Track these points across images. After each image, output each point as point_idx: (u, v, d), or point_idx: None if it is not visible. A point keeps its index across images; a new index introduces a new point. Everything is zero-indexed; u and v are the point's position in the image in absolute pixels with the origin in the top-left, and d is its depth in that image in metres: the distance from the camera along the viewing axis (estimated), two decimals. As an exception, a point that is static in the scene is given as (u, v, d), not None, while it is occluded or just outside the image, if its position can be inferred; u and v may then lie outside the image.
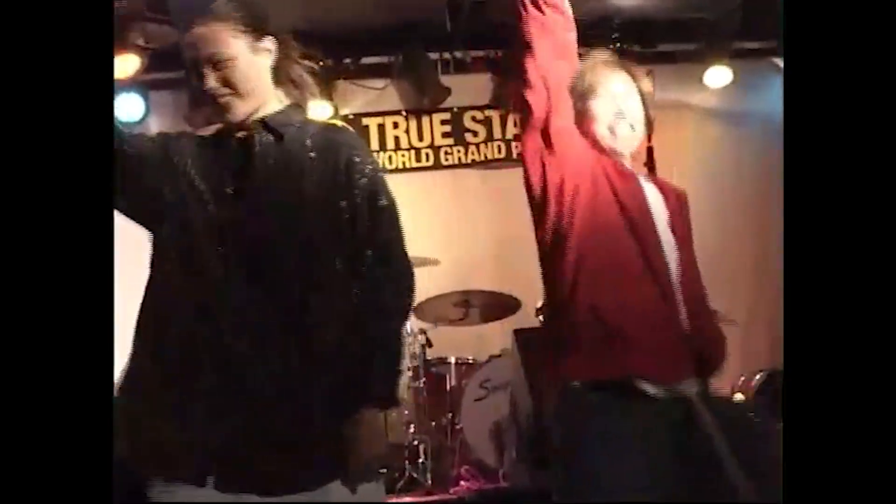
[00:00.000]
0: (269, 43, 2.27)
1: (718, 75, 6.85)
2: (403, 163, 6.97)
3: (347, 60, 6.79)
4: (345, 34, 6.57)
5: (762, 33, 6.83)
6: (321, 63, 6.20)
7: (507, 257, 6.54)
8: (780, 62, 7.05)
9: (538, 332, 5.26)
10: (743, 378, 6.23)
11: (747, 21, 6.63)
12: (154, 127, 6.40)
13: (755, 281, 7.08)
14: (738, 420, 2.41)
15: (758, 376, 6.13)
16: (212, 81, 2.17)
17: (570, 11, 2.52)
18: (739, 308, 6.82)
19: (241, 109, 2.20)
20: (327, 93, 6.54)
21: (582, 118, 2.56)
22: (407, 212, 2.35)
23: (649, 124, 2.68)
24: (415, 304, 2.36)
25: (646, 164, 5.25)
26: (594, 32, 6.57)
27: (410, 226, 6.51)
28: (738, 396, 6.07)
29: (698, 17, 6.72)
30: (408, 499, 5.01)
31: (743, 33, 6.80)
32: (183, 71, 6.25)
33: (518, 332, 5.05)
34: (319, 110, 6.52)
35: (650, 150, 5.37)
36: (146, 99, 6.32)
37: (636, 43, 6.77)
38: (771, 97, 7.06)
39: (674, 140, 6.37)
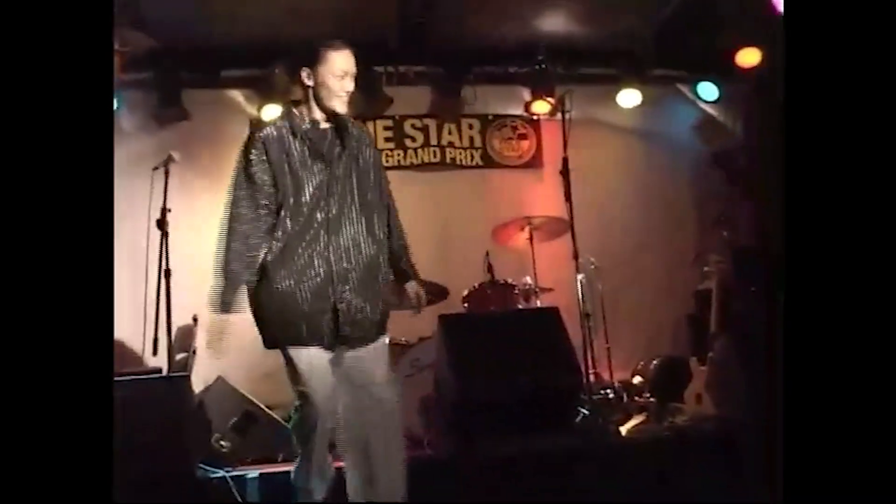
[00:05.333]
0: None
1: (630, 97, 7.39)
2: (349, 164, 7.28)
3: (301, 70, 7.16)
4: (298, 46, 6.93)
5: (670, 62, 7.52)
6: (277, 71, 6.63)
7: (439, 250, 6.89)
8: (684, 88, 7.75)
9: (461, 317, 5.61)
10: (642, 363, 6.79)
11: (657, 51, 7.28)
12: (125, 122, 6.72)
13: (660, 280, 7.54)
14: None
15: (655, 361, 6.67)
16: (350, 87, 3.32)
17: None
18: (646, 305, 7.47)
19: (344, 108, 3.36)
20: (284, 98, 6.79)
21: None
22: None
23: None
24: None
25: (560, 172, 5.62)
26: (520, 54, 7.23)
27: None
28: (638, 378, 6.69)
29: (615, 45, 7.24)
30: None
31: (653, 61, 7.41)
32: (153, 73, 6.64)
33: (442, 318, 5.11)
34: (273, 112, 6.96)
35: (565, 160, 5.62)
36: (119, 98, 6.47)
37: (558, 65, 7.24)
38: (675, 118, 7.80)
39: (588, 151, 6.74)
